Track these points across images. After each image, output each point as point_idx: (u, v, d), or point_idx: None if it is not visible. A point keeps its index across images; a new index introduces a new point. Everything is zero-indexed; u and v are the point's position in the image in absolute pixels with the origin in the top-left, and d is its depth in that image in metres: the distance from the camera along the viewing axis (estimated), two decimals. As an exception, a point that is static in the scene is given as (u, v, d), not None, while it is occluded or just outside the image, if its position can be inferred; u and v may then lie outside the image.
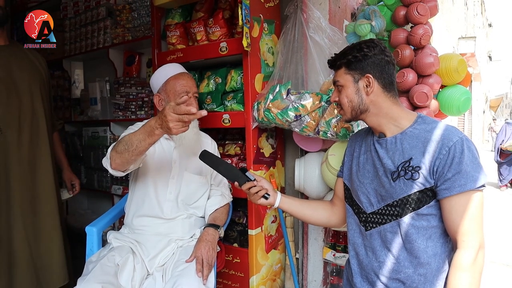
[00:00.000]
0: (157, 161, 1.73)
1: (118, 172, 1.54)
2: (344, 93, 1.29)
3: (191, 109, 1.23)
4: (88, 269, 1.54)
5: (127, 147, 1.41)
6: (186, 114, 1.24)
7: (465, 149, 1.10)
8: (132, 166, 1.54)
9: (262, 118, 1.96)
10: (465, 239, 1.10)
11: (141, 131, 1.38)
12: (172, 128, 1.28)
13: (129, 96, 2.91)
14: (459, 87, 1.80)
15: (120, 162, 1.47)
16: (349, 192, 1.40)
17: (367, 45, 1.24)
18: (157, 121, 1.31)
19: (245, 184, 1.40)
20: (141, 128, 1.39)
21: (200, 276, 1.47)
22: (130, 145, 1.40)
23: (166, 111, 1.26)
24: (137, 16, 2.83)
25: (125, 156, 1.43)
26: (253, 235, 2.05)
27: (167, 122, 1.27)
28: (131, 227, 1.76)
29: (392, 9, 1.88)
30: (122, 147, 1.42)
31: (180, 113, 1.25)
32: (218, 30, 2.12)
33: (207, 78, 2.27)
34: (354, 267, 1.34)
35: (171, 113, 1.25)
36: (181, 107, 1.24)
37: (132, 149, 1.40)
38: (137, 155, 1.44)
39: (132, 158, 1.45)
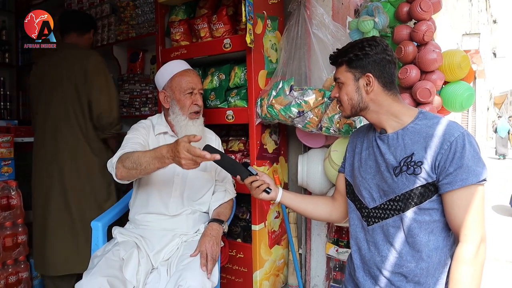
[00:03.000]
0: None
1: (123, 181, 1.58)
2: (344, 90, 1.30)
3: (206, 155, 1.27)
4: (93, 263, 1.56)
5: (135, 166, 1.45)
6: (201, 157, 1.28)
7: (466, 144, 1.11)
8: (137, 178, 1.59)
9: (265, 114, 1.97)
10: (467, 232, 1.11)
11: (151, 156, 1.42)
12: (183, 165, 1.32)
13: (133, 92, 2.93)
14: (462, 83, 1.80)
15: (126, 175, 1.52)
16: (351, 187, 1.41)
17: (369, 44, 1.25)
18: (169, 152, 1.36)
19: (247, 178, 1.41)
20: (151, 152, 1.43)
21: (205, 270, 1.48)
22: (139, 164, 1.45)
23: (181, 148, 1.29)
24: (141, 13, 2.84)
25: (132, 173, 1.49)
26: (257, 230, 2.07)
27: (179, 158, 1.30)
28: (136, 222, 1.77)
29: (395, 6, 1.88)
30: (130, 165, 1.47)
31: (195, 155, 1.28)
32: (221, 26, 2.13)
33: (210, 74, 2.28)
34: (357, 262, 1.35)
35: (185, 152, 1.28)
36: (196, 151, 1.28)
37: (141, 169, 1.45)
38: (144, 174, 1.51)
39: (140, 175, 1.52)
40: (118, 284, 1.43)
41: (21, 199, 2.23)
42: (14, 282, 2.17)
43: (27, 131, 2.61)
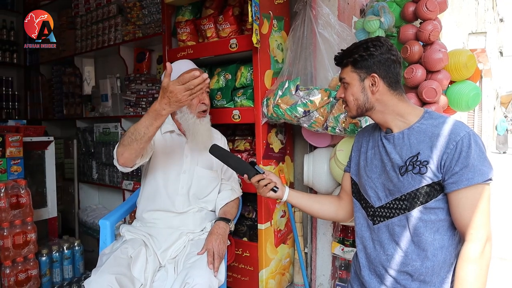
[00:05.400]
0: (169, 156, 1.76)
1: (126, 168, 1.58)
2: (350, 90, 1.31)
3: (194, 73, 1.27)
4: (102, 261, 1.58)
5: (134, 137, 1.44)
6: (191, 79, 1.27)
7: (472, 143, 1.11)
8: (139, 160, 1.57)
9: (272, 114, 1.98)
10: (473, 232, 1.11)
11: (146, 118, 1.41)
12: (181, 99, 1.31)
13: (139, 92, 2.95)
14: (468, 83, 1.80)
15: (128, 155, 1.50)
16: (357, 187, 1.41)
17: (373, 44, 1.25)
18: (162, 101, 1.34)
19: (254, 177, 1.42)
20: (145, 116, 1.42)
21: (211, 268, 1.50)
22: (137, 133, 1.43)
23: (171, 86, 1.29)
24: (148, 13, 2.86)
25: (134, 146, 1.46)
26: (263, 229, 2.08)
27: (175, 95, 1.30)
28: (143, 220, 1.79)
29: (401, 5, 1.89)
30: (129, 139, 1.45)
31: (185, 82, 1.28)
32: (228, 27, 2.15)
33: (217, 74, 2.30)
34: (362, 261, 1.35)
35: (177, 85, 1.28)
36: (185, 76, 1.27)
37: (140, 136, 1.43)
38: (145, 142, 1.47)
39: (141, 146, 1.47)
40: (126, 282, 1.45)
41: (30, 197, 2.26)
42: (23, 279, 2.20)
43: (35, 130, 2.64)
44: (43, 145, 2.65)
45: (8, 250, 2.14)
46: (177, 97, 1.30)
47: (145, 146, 1.51)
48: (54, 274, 2.47)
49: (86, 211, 3.58)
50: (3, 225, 2.13)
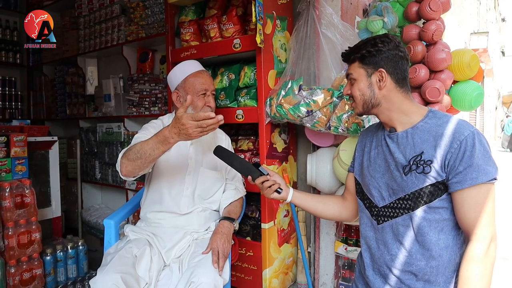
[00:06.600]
0: (173, 157, 1.76)
1: (129, 178, 1.60)
2: (357, 86, 1.30)
3: (210, 114, 1.29)
4: (106, 260, 1.59)
5: (139, 155, 1.47)
6: (205, 119, 1.29)
7: (476, 142, 1.11)
8: (142, 172, 1.59)
9: (275, 114, 1.99)
10: (477, 231, 1.11)
11: (154, 140, 1.44)
12: (191, 134, 1.33)
13: (142, 92, 2.96)
14: (471, 83, 1.80)
15: (131, 169, 1.53)
16: (360, 186, 1.41)
17: (381, 40, 1.26)
18: (172, 130, 1.37)
19: (259, 178, 1.42)
20: (153, 138, 1.45)
21: (216, 267, 1.51)
22: (143, 153, 1.46)
23: (184, 119, 1.31)
24: (151, 14, 2.87)
25: (137, 164, 1.49)
26: (266, 229, 2.09)
27: (186, 129, 1.32)
28: (148, 220, 1.80)
29: (404, 5, 1.89)
30: (134, 155, 1.48)
31: (199, 119, 1.29)
32: (231, 27, 2.15)
33: (220, 74, 2.30)
34: (367, 260, 1.35)
35: (190, 120, 1.30)
36: (199, 114, 1.29)
37: (145, 157, 1.46)
38: (150, 162, 1.51)
39: (145, 165, 1.51)
40: (132, 281, 1.46)
41: (35, 197, 2.27)
42: (28, 278, 2.21)
43: (39, 130, 2.65)
44: (47, 145, 2.66)
45: (13, 250, 2.15)
46: (188, 131, 1.33)
47: (149, 165, 1.55)
48: (58, 273, 2.47)
49: (89, 210, 3.59)
50: (8, 224, 2.14)
